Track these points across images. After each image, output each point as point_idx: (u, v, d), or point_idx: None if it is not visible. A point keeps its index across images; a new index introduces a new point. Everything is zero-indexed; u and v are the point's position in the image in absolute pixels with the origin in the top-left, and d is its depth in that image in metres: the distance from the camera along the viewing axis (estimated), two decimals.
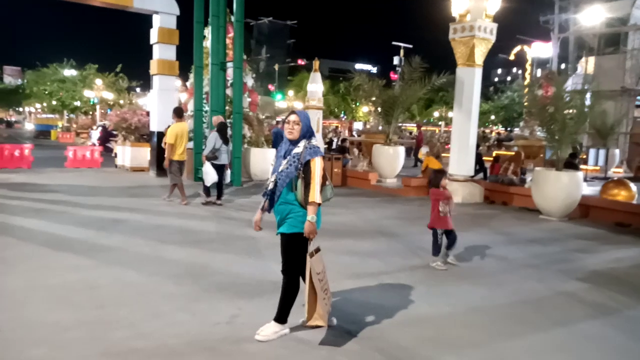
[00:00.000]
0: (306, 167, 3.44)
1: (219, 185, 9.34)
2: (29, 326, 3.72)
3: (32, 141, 22.84)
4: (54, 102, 41.89)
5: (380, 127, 16.83)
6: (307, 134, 3.55)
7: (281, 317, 3.68)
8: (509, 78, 72.82)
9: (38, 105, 50.96)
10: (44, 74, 41.72)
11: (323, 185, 3.50)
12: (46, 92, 41.57)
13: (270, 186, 3.55)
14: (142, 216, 8.08)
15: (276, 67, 61.45)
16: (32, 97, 46.67)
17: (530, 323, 4.22)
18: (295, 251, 3.56)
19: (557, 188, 9.15)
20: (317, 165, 3.43)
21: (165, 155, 9.21)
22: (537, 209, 9.61)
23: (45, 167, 14.94)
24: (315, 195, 3.39)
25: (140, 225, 7.44)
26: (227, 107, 13.11)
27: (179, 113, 9.58)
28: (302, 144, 3.50)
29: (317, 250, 3.60)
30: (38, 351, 3.35)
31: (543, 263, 6.17)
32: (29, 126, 32.18)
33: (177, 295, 4.50)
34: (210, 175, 8.99)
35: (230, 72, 12.89)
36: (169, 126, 10.06)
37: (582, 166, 13.10)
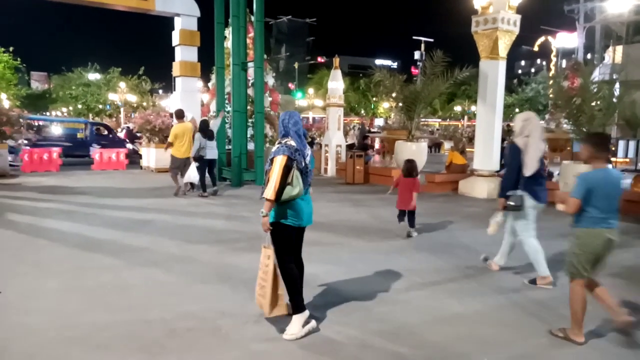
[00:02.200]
0: (272, 164, 3.61)
1: (212, 179, 10.51)
2: (65, 326, 3.82)
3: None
4: (79, 106, 42.77)
5: (402, 123, 16.71)
6: (282, 132, 3.71)
7: (295, 307, 3.72)
8: (532, 70, 71.46)
9: (64, 109, 52.16)
10: (69, 78, 42.62)
11: (286, 183, 3.55)
12: (72, 96, 42.46)
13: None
14: (168, 216, 8.20)
15: (296, 65, 61.60)
16: (58, 102, 47.73)
17: (564, 320, 4.13)
18: (275, 238, 3.74)
19: None
20: (277, 163, 3.56)
21: (169, 150, 10.32)
22: None
23: (73, 169, 15.29)
24: (267, 191, 3.55)
25: (167, 225, 7.55)
26: (248, 107, 13.19)
27: (179, 115, 10.54)
28: (277, 142, 3.70)
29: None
30: (75, 351, 3.44)
31: None
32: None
33: (206, 295, 4.56)
34: (192, 175, 10.08)
35: (251, 72, 12.96)
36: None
37: (611, 158, 12.78)
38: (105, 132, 19.40)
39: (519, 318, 4.16)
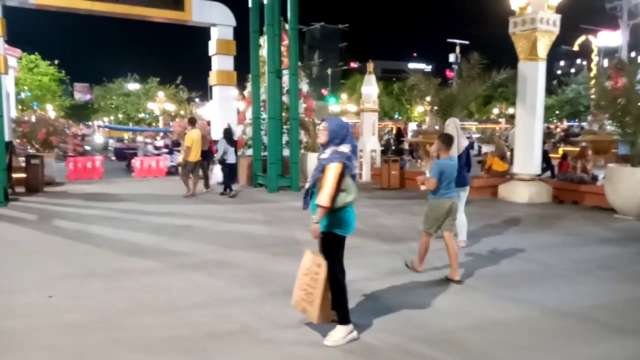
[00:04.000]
0: (324, 171, 3.58)
1: (231, 180, 11.61)
2: (111, 327, 3.95)
3: (101, 153, 24.19)
4: (119, 115, 44.23)
5: (437, 127, 16.50)
6: (336, 140, 3.65)
7: (341, 318, 3.70)
8: (572, 70, 69.40)
9: (105, 119, 54.07)
10: (110, 88, 44.22)
11: (340, 190, 3.56)
12: (112, 106, 43.98)
13: (307, 186, 3.80)
14: (207, 222, 8.36)
15: (329, 71, 61.88)
16: (100, 111, 49.52)
17: (607, 328, 4.00)
18: (326, 248, 3.70)
19: (633, 185, 8.61)
20: (331, 171, 3.54)
21: (182, 157, 11.37)
22: (611, 208, 9.08)
23: (115, 177, 15.78)
24: (321, 198, 3.52)
25: (206, 230, 7.70)
26: (283, 114, 13.31)
27: (192, 122, 11.69)
28: (329, 150, 3.64)
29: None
30: (121, 351, 3.55)
31: (620, 265, 5.82)
32: (99, 139, 34.44)
33: (244, 299, 4.62)
34: (218, 175, 11.18)
35: (285, 79, 13.09)
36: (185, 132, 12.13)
37: None
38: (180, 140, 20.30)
39: (560, 325, 4.03)
